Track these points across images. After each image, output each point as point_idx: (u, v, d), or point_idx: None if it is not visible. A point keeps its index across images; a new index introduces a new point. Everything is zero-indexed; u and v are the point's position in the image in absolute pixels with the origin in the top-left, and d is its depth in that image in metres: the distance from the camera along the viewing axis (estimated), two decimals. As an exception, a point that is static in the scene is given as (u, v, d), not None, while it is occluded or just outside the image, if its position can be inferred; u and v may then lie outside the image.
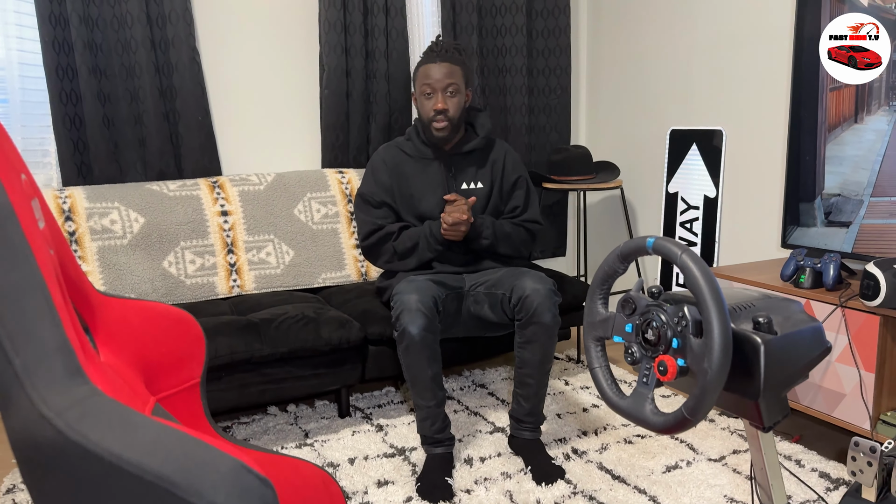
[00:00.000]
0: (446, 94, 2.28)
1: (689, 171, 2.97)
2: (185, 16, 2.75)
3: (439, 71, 2.27)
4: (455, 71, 2.29)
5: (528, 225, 2.44)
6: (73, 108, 2.64)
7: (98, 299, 0.99)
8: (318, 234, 2.89)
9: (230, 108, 2.98)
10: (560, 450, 2.29)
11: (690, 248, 1.07)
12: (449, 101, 2.29)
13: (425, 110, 2.31)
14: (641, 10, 3.30)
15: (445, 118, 2.29)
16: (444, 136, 2.31)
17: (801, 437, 2.33)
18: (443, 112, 2.28)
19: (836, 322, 2.06)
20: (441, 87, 2.27)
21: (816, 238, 2.34)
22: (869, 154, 2.18)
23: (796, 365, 1.10)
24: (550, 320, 2.10)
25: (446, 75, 2.27)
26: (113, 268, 2.52)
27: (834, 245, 2.28)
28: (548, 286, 2.13)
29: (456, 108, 2.31)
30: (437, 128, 2.30)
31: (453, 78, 2.28)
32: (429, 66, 2.29)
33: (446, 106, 2.28)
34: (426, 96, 2.30)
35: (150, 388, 1.03)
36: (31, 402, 0.62)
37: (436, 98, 2.28)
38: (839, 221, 2.27)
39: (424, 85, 2.29)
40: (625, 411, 1.17)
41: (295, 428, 2.50)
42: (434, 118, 2.29)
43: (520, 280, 2.17)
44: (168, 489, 0.59)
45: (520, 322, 2.15)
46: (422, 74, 2.31)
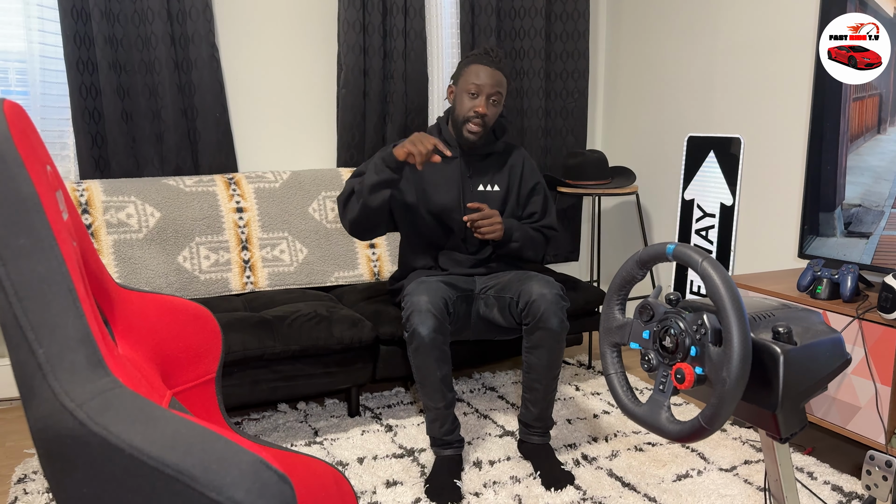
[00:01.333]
0: (490, 100, 2.28)
1: (706, 179, 2.95)
2: (205, 12, 2.76)
3: (491, 77, 2.26)
4: (503, 81, 2.30)
5: (546, 231, 2.44)
6: (93, 102, 2.66)
7: (117, 292, 1.00)
8: (332, 232, 2.89)
9: (248, 106, 2.99)
10: (570, 455, 2.28)
11: (711, 256, 1.06)
12: (490, 108, 2.29)
13: (465, 108, 2.29)
14: (661, 16, 3.28)
15: (482, 122, 2.28)
16: (475, 139, 2.31)
17: (813, 448, 2.31)
18: (482, 116, 2.27)
19: (853, 334, 2.04)
20: (488, 91, 2.26)
21: (835, 249, 2.32)
22: (891, 165, 2.16)
23: (815, 376, 1.09)
24: (557, 325, 2.09)
25: (496, 83, 2.27)
26: (128, 261, 2.53)
27: (853, 256, 2.26)
28: (555, 291, 2.12)
29: (493, 117, 2.31)
30: (470, 129, 2.29)
31: (501, 87, 2.29)
32: (482, 67, 2.27)
33: (487, 111, 2.27)
34: (471, 95, 2.27)
35: (167, 382, 1.03)
36: (54, 393, 0.62)
37: (481, 100, 2.27)
38: (859, 232, 2.24)
39: (472, 84, 2.26)
40: (640, 418, 1.16)
41: (305, 426, 2.50)
42: (472, 119, 2.28)
43: (527, 284, 2.16)
44: (188, 483, 0.59)
45: (527, 326, 2.14)
46: (472, 73, 2.28)
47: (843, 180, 2.29)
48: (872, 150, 2.21)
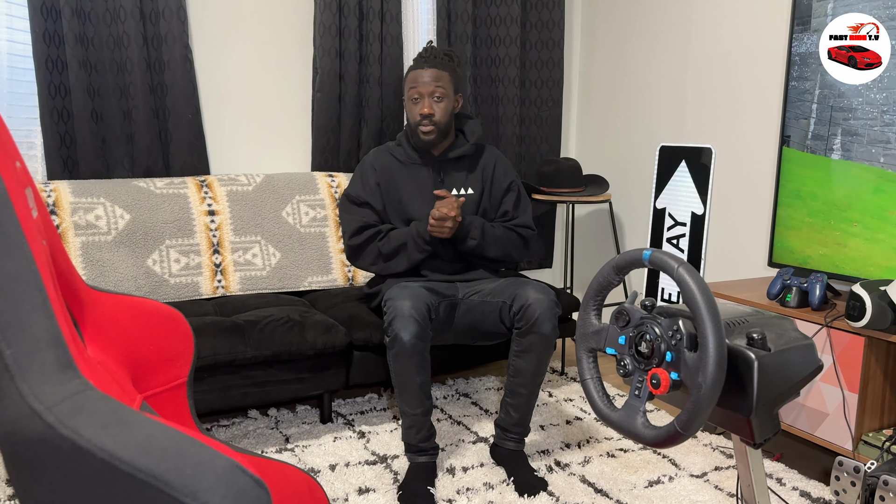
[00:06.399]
0: (433, 98, 2.29)
1: (678, 188, 2.99)
2: (178, 13, 2.72)
3: (427, 76, 2.29)
4: (443, 76, 2.30)
5: (520, 230, 2.43)
6: (62, 102, 2.61)
7: (87, 293, 0.97)
8: (306, 237, 2.86)
9: (221, 108, 2.96)
10: (543, 462, 2.28)
11: (686, 262, 1.07)
12: (435, 106, 2.29)
13: (412, 114, 2.32)
14: (635, 27, 3.32)
15: (431, 122, 2.29)
16: (430, 140, 2.31)
17: (782, 455, 2.34)
18: (428, 117, 2.28)
19: (822, 342, 2.08)
20: (428, 91, 2.28)
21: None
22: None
23: (789, 382, 1.10)
24: (550, 331, 2.09)
25: (434, 80, 2.29)
26: (96, 264, 2.48)
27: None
28: (551, 297, 2.13)
29: (443, 113, 2.31)
30: (423, 132, 2.30)
31: (440, 83, 2.29)
32: (417, 71, 2.31)
33: (432, 111, 2.28)
34: (413, 101, 2.31)
35: (137, 385, 1.01)
36: (22, 395, 0.60)
37: (422, 103, 2.29)
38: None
39: (412, 90, 2.31)
40: (616, 424, 1.16)
41: (276, 432, 2.47)
42: (420, 122, 2.30)
43: (522, 289, 2.17)
44: (161, 489, 0.57)
45: (519, 330, 2.14)
46: (410, 79, 2.33)
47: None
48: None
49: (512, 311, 2.17)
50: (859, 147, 2.18)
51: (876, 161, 2.14)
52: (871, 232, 2.16)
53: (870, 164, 2.15)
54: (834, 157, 2.25)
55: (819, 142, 2.30)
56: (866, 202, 2.17)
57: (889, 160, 2.10)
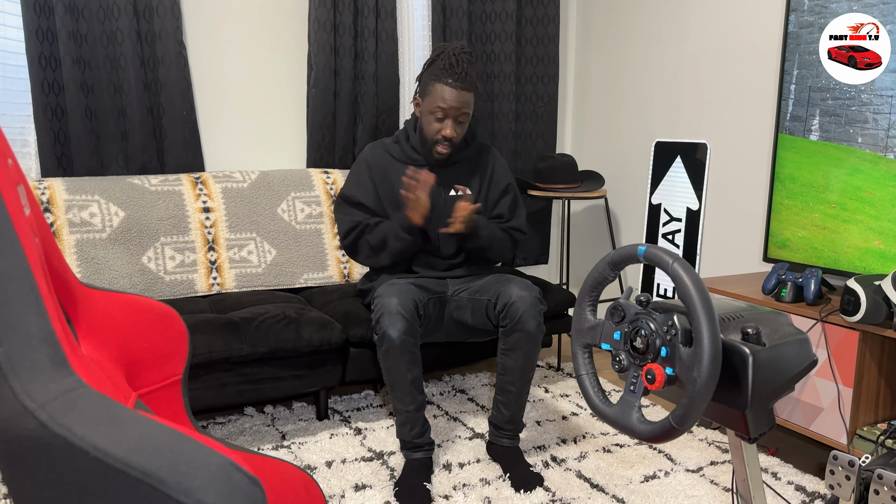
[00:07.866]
0: (457, 122, 2.24)
1: (673, 183, 2.99)
2: (172, 9, 2.71)
3: (457, 99, 2.20)
4: (470, 101, 2.24)
5: (513, 233, 2.43)
6: (56, 99, 2.59)
7: (81, 291, 0.97)
8: (302, 234, 2.86)
9: (215, 104, 2.95)
10: (539, 457, 2.28)
11: (681, 257, 1.07)
12: (457, 129, 2.25)
13: (432, 131, 2.26)
14: (630, 23, 3.32)
15: (450, 144, 2.27)
16: (443, 159, 2.30)
17: (777, 449, 2.35)
18: (449, 139, 2.25)
19: (816, 337, 2.08)
20: (455, 114, 2.22)
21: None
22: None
23: (784, 377, 1.11)
24: (535, 328, 2.09)
25: (463, 104, 2.21)
26: (91, 262, 2.47)
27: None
28: (534, 294, 2.12)
29: (461, 135, 2.29)
30: (439, 151, 2.27)
31: (467, 108, 2.24)
32: (447, 89, 2.19)
33: (454, 134, 2.24)
34: (437, 118, 2.23)
35: (132, 383, 1.01)
36: (14, 393, 0.60)
37: (446, 124, 2.23)
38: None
39: (438, 107, 2.21)
40: (611, 419, 1.16)
41: (272, 429, 2.47)
42: (440, 142, 2.26)
43: (506, 287, 2.16)
44: (155, 486, 0.57)
45: (504, 328, 2.14)
46: (437, 94, 2.20)
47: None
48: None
49: (497, 308, 2.17)
50: (837, 128, 2.17)
51: (854, 141, 2.14)
52: (849, 213, 2.16)
53: (848, 144, 2.15)
54: (812, 137, 2.24)
55: (797, 123, 2.29)
56: (844, 183, 2.17)
57: (867, 140, 2.10)
